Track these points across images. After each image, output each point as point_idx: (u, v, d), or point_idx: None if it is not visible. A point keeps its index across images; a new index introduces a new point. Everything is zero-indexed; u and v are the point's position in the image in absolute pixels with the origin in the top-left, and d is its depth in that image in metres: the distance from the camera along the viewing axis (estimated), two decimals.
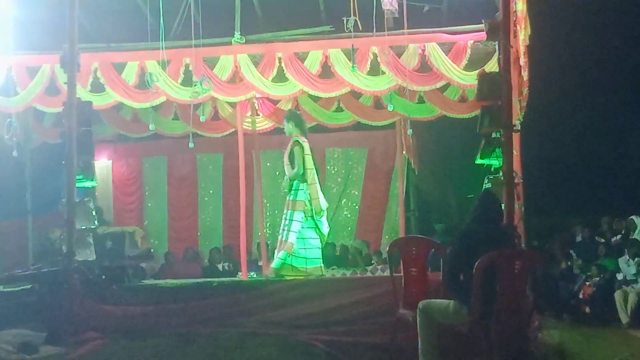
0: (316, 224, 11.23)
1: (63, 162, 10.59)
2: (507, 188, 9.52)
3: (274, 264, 11.18)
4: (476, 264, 6.86)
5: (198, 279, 12.02)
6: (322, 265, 11.36)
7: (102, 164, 16.90)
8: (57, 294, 9.80)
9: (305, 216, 11.14)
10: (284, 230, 11.19)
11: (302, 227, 11.11)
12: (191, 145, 13.28)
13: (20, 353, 8.79)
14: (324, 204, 11.35)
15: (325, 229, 11.38)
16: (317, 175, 11.55)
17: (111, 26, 13.05)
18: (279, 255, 11.11)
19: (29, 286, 10.11)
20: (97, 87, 12.39)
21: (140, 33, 12.21)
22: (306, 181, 11.21)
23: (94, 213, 10.95)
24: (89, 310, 9.82)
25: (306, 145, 11.34)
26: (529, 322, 7.88)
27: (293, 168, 11.25)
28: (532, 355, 7.95)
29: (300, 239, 11.11)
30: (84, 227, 10.64)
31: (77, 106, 10.69)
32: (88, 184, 11.24)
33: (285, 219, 11.20)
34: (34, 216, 15.43)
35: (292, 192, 11.22)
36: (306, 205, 11.15)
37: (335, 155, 17.27)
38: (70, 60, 10.69)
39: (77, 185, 10.66)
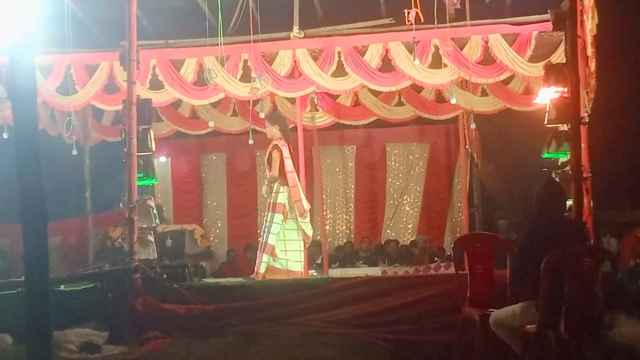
0: (299, 226, 11.10)
1: (123, 160, 10.57)
2: (575, 182, 9.31)
3: (260, 267, 10.98)
4: (544, 260, 6.63)
5: None
6: (302, 270, 11.29)
7: (161, 161, 16.92)
8: (119, 293, 9.76)
9: (284, 218, 11.02)
10: (264, 232, 11.08)
11: (282, 229, 11.02)
12: (251, 142, 13.25)
13: (82, 352, 8.75)
14: (306, 204, 11.18)
15: (310, 230, 11.26)
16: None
17: (169, 23, 13.02)
18: (262, 258, 10.97)
19: (91, 285, 10.09)
20: (156, 84, 12.38)
21: (199, 29, 12.19)
22: (287, 184, 11.04)
23: (154, 211, 10.92)
24: (151, 309, 9.75)
25: (285, 149, 11.14)
26: (600, 320, 7.62)
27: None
28: (602, 355, 7.67)
29: (280, 241, 11.03)
30: (145, 226, 10.63)
31: (137, 104, 10.66)
32: (148, 182, 11.24)
33: (266, 221, 11.06)
34: (93, 214, 15.51)
35: (273, 194, 11.06)
36: (285, 208, 11.01)
37: (396, 151, 17.16)
38: (129, 57, 10.66)
39: (138, 183, 10.64)
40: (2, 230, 14.26)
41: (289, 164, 11.12)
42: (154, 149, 11.13)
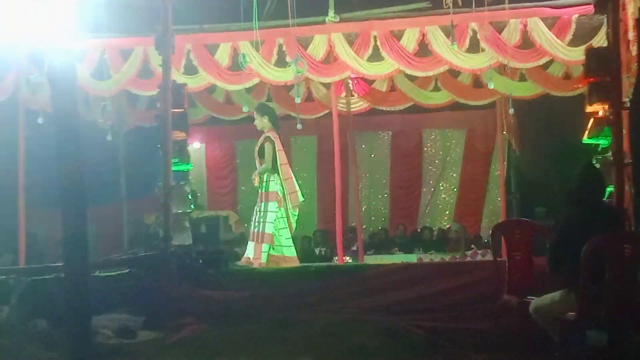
0: (287, 216, 11.25)
1: (158, 146, 10.57)
2: (616, 169, 9.20)
3: (262, 257, 11.01)
4: (584, 248, 6.52)
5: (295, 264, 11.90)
6: (296, 255, 11.44)
7: (195, 147, 16.89)
8: (155, 278, 9.77)
9: (279, 207, 11.13)
10: (259, 222, 11.10)
11: (277, 217, 11.13)
12: (299, 126, 13.27)
13: (118, 337, 8.77)
14: (301, 197, 11.40)
15: (295, 223, 11.44)
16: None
17: (204, 7, 12.95)
18: (262, 248, 11.01)
19: (127, 271, 10.10)
20: (190, 69, 12.35)
21: (233, 14, 12.11)
22: (277, 173, 11.14)
23: (189, 197, 10.94)
24: (186, 295, 9.77)
25: (277, 141, 11.23)
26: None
27: (262, 163, 11.19)
28: None
29: (276, 229, 11.15)
30: (181, 211, 10.63)
31: (172, 88, 10.64)
32: (184, 167, 11.25)
33: (260, 211, 11.11)
34: (128, 200, 15.53)
35: (264, 184, 11.15)
36: (279, 196, 11.14)
37: (433, 137, 17.07)
38: (165, 42, 10.64)
39: (173, 168, 10.65)
40: (38, 215, 14.31)
41: (282, 156, 11.25)
42: (188, 134, 11.15)
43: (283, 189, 11.17)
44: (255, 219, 11.21)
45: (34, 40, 10.83)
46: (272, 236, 11.08)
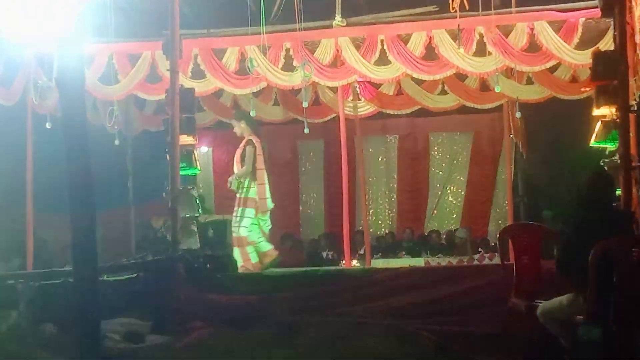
0: (259, 222, 11.49)
1: (166, 150, 10.59)
2: (624, 172, 9.18)
3: (252, 258, 11.33)
4: (591, 252, 6.50)
5: (303, 268, 11.90)
6: (272, 246, 11.76)
7: (203, 151, 16.89)
8: (163, 282, 9.77)
9: (256, 212, 11.40)
10: (236, 227, 11.41)
11: (252, 223, 11.37)
12: (306, 130, 13.25)
13: (126, 342, 8.75)
14: (270, 204, 11.65)
15: (267, 226, 11.68)
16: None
17: (211, 11, 13.00)
18: (247, 250, 11.33)
19: (135, 275, 10.10)
20: (198, 74, 12.36)
21: (240, 18, 12.15)
22: (255, 180, 11.38)
23: (197, 201, 10.96)
24: (195, 299, 9.76)
25: (258, 145, 11.57)
26: None
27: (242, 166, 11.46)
28: None
29: (254, 232, 11.44)
30: (188, 216, 10.65)
31: (180, 93, 10.66)
32: (191, 171, 11.28)
33: (237, 215, 11.39)
34: (136, 205, 15.54)
35: (244, 189, 11.43)
36: (256, 202, 11.41)
37: (440, 140, 17.05)
38: (172, 46, 10.67)
39: (181, 173, 10.67)
40: (46, 219, 14.34)
41: (260, 161, 11.54)
42: (196, 139, 11.19)
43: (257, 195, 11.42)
44: (232, 223, 11.48)
45: (41, 45, 10.94)
46: (246, 238, 11.34)
